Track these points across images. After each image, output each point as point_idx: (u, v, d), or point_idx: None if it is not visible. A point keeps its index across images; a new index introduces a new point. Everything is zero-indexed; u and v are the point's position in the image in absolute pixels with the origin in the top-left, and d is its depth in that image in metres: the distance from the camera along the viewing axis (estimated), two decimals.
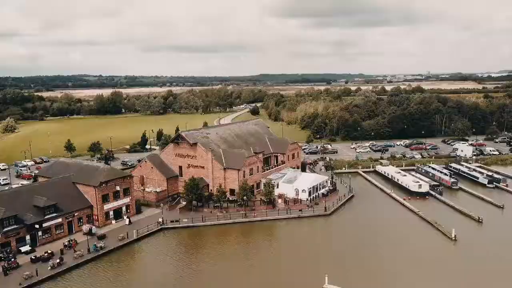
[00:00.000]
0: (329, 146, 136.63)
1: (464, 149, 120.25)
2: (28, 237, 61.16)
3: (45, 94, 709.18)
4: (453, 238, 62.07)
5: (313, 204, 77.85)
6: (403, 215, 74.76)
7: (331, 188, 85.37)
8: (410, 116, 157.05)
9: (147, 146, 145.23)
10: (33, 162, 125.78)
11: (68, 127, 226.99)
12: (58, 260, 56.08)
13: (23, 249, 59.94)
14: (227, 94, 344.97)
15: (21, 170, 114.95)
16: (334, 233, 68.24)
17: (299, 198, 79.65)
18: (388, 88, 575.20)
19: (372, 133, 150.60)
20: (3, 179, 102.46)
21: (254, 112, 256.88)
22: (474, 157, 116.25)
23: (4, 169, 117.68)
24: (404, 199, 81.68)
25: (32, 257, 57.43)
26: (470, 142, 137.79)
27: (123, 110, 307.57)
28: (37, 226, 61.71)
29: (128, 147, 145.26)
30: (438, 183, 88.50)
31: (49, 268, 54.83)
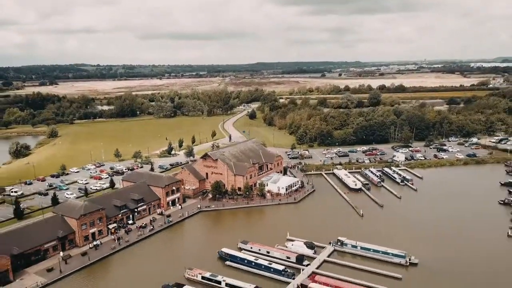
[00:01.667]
0: (306, 152, 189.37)
1: (399, 156, 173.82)
2: (131, 216, 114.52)
3: (51, 89, 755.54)
4: (361, 215, 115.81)
5: (288, 196, 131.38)
6: (341, 202, 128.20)
7: (300, 186, 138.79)
8: (370, 127, 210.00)
9: (173, 152, 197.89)
10: (94, 166, 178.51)
11: (97, 131, 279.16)
12: (152, 227, 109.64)
13: (130, 222, 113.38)
14: (227, 96, 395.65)
15: (91, 173, 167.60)
16: (299, 212, 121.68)
17: (280, 192, 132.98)
18: (376, 83, 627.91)
19: (337, 143, 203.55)
20: (85, 180, 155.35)
21: (252, 116, 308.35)
22: (404, 161, 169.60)
23: (78, 172, 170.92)
24: (345, 193, 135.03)
25: (137, 226, 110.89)
26: (410, 149, 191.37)
27: (138, 113, 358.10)
28: (135, 210, 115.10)
29: (158, 153, 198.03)
30: (368, 182, 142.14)
31: (148, 231, 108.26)
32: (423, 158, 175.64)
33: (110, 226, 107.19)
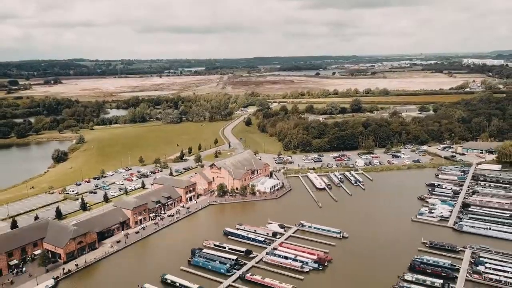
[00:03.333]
0: (289, 158, 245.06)
1: (359, 161, 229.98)
2: (163, 208, 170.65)
3: (57, 88, 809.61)
4: (320, 207, 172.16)
5: (271, 194, 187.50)
6: (308, 198, 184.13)
7: (281, 186, 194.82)
8: (342, 137, 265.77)
9: (184, 158, 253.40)
10: (124, 170, 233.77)
11: (116, 137, 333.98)
12: (177, 215, 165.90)
13: (162, 212, 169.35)
14: (226, 102, 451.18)
15: (124, 176, 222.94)
16: (278, 205, 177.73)
17: (265, 191, 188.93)
18: (366, 84, 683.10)
19: (313, 151, 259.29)
20: (121, 182, 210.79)
21: (248, 123, 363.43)
22: (363, 166, 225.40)
23: (112, 175, 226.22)
24: (312, 191, 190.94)
25: (167, 215, 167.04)
26: (371, 155, 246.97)
27: (147, 118, 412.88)
28: (166, 204, 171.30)
29: (173, 158, 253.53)
30: (330, 183, 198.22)
31: (175, 218, 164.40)
32: (379, 164, 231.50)
33: (151, 215, 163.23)
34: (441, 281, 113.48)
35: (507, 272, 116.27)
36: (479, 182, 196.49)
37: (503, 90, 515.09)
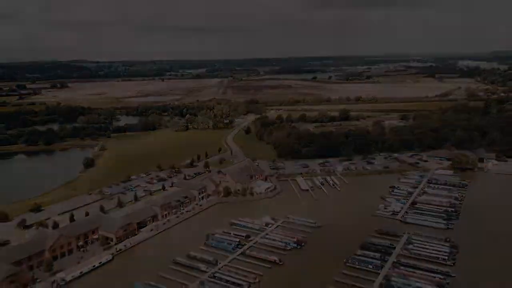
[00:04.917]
0: (282, 164, 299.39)
1: (339, 167, 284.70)
2: (181, 205, 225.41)
3: (65, 93, 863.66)
4: (303, 204, 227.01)
5: (266, 194, 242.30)
6: (294, 197, 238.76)
7: (273, 188, 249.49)
8: (327, 146, 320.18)
9: (194, 164, 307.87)
10: (144, 174, 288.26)
11: (132, 144, 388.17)
12: (193, 211, 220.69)
13: (182, 208, 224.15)
14: (228, 111, 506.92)
15: (146, 179, 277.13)
16: (271, 202, 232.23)
17: (261, 192, 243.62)
18: (359, 89, 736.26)
19: (302, 159, 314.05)
20: (144, 184, 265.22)
21: (247, 131, 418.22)
22: (341, 172, 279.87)
23: (136, 179, 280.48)
24: (298, 192, 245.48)
25: (186, 211, 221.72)
26: (350, 162, 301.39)
27: (157, 126, 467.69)
28: (184, 202, 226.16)
29: (184, 164, 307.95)
30: (313, 185, 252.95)
31: (192, 213, 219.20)
32: (354, 169, 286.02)
33: (173, 210, 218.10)
34: (379, 255, 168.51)
35: (427, 248, 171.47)
36: (431, 184, 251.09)
37: (482, 98, 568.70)
